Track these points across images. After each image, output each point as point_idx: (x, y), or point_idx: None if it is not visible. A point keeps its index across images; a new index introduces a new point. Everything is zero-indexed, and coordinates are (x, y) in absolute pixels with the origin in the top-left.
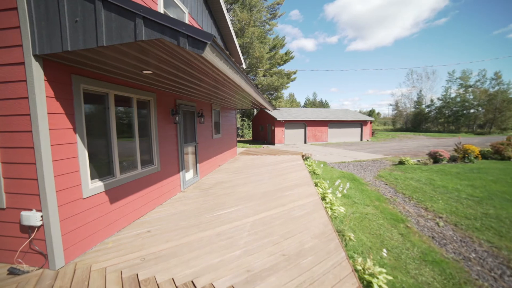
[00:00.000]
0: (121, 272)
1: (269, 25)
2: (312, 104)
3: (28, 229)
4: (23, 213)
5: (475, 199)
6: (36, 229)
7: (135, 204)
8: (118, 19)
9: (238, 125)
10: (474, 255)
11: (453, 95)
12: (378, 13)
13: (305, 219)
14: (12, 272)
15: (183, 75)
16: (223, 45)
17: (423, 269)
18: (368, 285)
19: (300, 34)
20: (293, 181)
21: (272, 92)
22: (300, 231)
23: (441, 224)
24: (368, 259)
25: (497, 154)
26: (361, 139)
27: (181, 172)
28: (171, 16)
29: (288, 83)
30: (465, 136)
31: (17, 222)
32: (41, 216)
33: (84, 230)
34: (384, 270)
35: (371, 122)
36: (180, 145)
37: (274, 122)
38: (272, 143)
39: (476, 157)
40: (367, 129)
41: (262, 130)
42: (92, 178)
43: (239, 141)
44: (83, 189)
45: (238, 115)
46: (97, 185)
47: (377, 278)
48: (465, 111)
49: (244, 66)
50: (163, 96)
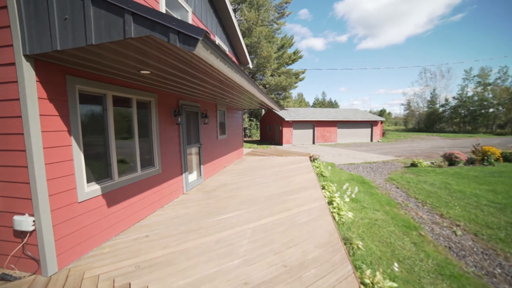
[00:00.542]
0: (113, 280)
1: (277, 24)
2: (321, 104)
3: (20, 234)
4: (16, 217)
5: (498, 206)
6: (29, 234)
7: (134, 207)
8: (107, 15)
9: (246, 125)
10: (499, 271)
11: (470, 93)
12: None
13: (310, 226)
14: (3, 278)
15: (183, 75)
16: (229, 45)
17: (440, 285)
18: None
19: (309, 34)
20: (299, 184)
21: (280, 92)
22: (304, 239)
23: (459, 233)
24: (378, 272)
25: None
26: (371, 140)
27: (183, 174)
28: (174, 15)
29: (296, 82)
30: (483, 136)
31: (10, 226)
32: (33, 221)
33: (79, 235)
34: (395, 285)
35: (381, 122)
36: (182, 147)
37: (282, 122)
38: (280, 143)
39: (497, 160)
40: (377, 130)
41: (270, 131)
42: (88, 181)
43: (247, 141)
44: (79, 192)
45: (246, 115)
46: (94, 189)
47: None
48: (483, 111)
49: (251, 65)
50: (165, 97)
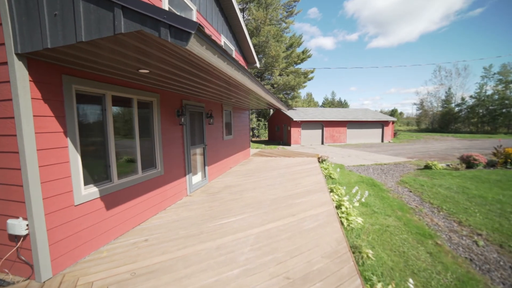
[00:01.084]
0: None
1: (286, 23)
2: (330, 103)
3: (14, 238)
4: (9, 221)
5: None
6: (22, 238)
7: (135, 210)
8: (96, 10)
9: (254, 125)
10: None
11: (489, 92)
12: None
13: (316, 233)
14: None
15: (183, 74)
16: (236, 44)
17: None
18: None
19: (318, 33)
20: (307, 186)
21: (288, 92)
22: (309, 248)
23: (481, 243)
24: (390, 286)
25: None
26: (382, 141)
27: (187, 176)
28: (178, 14)
29: (305, 82)
30: (504, 137)
31: (4, 230)
32: (27, 225)
33: (76, 239)
34: None
35: (393, 122)
36: (186, 148)
37: (290, 122)
38: (288, 144)
39: None
40: (388, 130)
41: (278, 131)
42: (86, 183)
43: (255, 142)
44: (75, 195)
45: (254, 115)
46: (92, 191)
47: None
48: (504, 110)
49: (258, 65)
50: (167, 97)
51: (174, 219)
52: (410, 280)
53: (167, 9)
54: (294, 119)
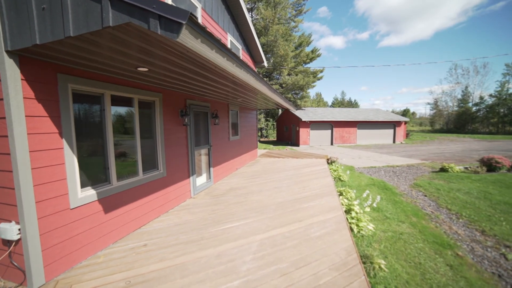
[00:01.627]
0: None
1: (294, 22)
2: (340, 103)
3: (7, 242)
4: (1, 225)
5: None
6: (14, 243)
7: (135, 212)
8: (84, 2)
9: (262, 126)
10: None
11: (511, 90)
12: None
13: (324, 241)
14: None
15: (184, 72)
16: (243, 43)
17: None
18: None
19: (328, 32)
20: (315, 190)
21: (297, 92)
22: (316, 259)
23: (510, 256)
24: None
25: None
26: (393, 141)
27: (191, 177)
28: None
29: (314, 82)
30: None
31: None
32: (19, 229)
33: (71, 244)
34: None
35: (405, 122)
36: (190, 149)
37: (298, 122)
38: (297, 144)
39: None
40: (400, 130)
41: (287, 131)
42: (83, 186)
43: (263, 142)
44: (71, 198)
45: (262, 115)
46: (89, 194)
47: None
48: None
49: (266, 64)
50: (170, 96)
51: (175, 223)
52: None
53: None
54: (303, 119)
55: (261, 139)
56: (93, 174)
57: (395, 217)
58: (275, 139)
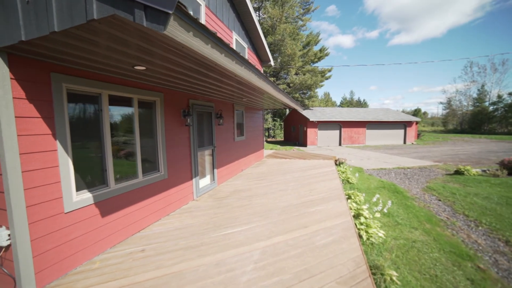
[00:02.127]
0: None
1: (302, 20)
2: (349, 103)
3: None
4: None
5: None
6: (4, 249)
7: (134, 216)
8: None
9: (270, 126)
10: None
11: None
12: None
13: (331, 250)
14: None
15: (183, 70)
16: (249, 41)
17: None
18: None
19: (337, 31)
20: (322, 193)
21: (305, 91)
22: (322, 270)
23: None
24: None
25: None
26: (404, 142)
27: (194, 179)
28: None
29: (322, 81)
30: None
31: None
32: (9, 234)
33: (65, 249)
34: None
35: (416, 122)
36: (193, 150)
37: (306, 122)
38: (304, 144)
39: None
40: (411, 131)
41: (294, 131)
42: (78, 189)
43: (270, 142)
44: (65, 202)
45: (269, 115)
46: (85, 197)
47: None
48: None
49: (273, 63)
50: (172, 96)
51: (176, 227)
52: None
53: None
54: (311, 119)
55: (268, 139)
56: (89, 176)
57: (407, 223)
58: (282, 139)
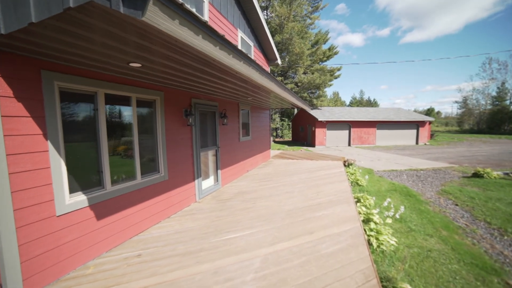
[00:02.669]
0: None
1: (310, 18)
2: (358, 103)
3: None
4: None
5: None
6: None
7: (132, 218)
8: None
9: (278, 126)
10: None
11: None
12: None
13: (337, 259)
14: None
15: (180, 67)
16: (255, 39)
17: None
18: None
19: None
20: (329, 196)
21: (313, 91)
22: (327, 283)
23: None
24: None
25: None
26: (416, 142)
27: (196, 180)
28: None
29: (331, 80)
30: None
31: None
32: None
33: (57, 254)
34: None
35: (430, 122)
36: (195, 150)
37: (314, 122)
38: (312, 145)
39: None
40: (424, 131)
41: (302, 131)
42: (72, 191)
43: (278, 142)
44: (57, 205)
45: (277, 115)
46: (79, 199)
47: None
48: None
49: (280, 62)
50: (173, 95)
51: (175, 230)
52: None
53: None
54: (319, 119)
55: (276, 139)
56: (84, 178)
57: (421, 230)
58: (290, 139)
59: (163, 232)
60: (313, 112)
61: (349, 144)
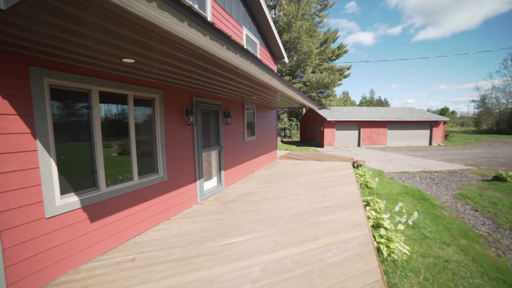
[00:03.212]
0: None
1: (319, 17)
2: (368, 102)
3: None
4: None
5: None
6: None
7: (128, 221)
8: None
9: (286, 125)
10: None
11: None
12: None
13: (344, 270)
14: None
15: (175, 62)
16: (261, 37)
17: None
18: None
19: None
20: (337, 199)
21: (322, 90)
22: None
23: None
24: None
25: None
26: (430, 143)
27: (198, 181)
28: (189, 3)
29: (340, 79)
30: None
31: None
32: None
33: (47, 257)
34: None
35: (444, 122)
36: (197, 150)
37: (323, 122)
38: (321, 145)
39: None
40: (438, 131)
41: (311, 131)
42: (64, 192)
43: (286, 142)
44: (47, 206)
45: (285, 115)
46: (70, 201)
47: None
48: None
49: (287, 60)
50: (173, 93)
51: (173, 233)
52: None
53: None
54: (328, 119)
55: (284, 140)
56: (77, 179)
57: (436, 237)
58: (299, 139)
59: (160, 235)
60: (322, 112)
61: (358, 145)
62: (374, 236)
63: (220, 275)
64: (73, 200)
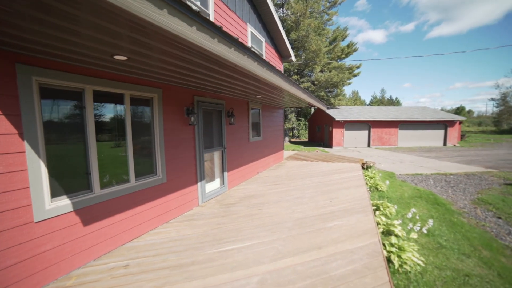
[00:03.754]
0: None
1: (328, 14)
2: (379, 102)
3: None
4: None
5: None
6: None
7: (124, 224)
8: None
9: (294, 125)
10: None
11: None
12: None
13: (349, 285)
14: None
15: (169, 59)
16: (267, 35)
17: None
18: None
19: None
20: (344, 203)
21: (331, 90)
22: None
23: None
24: None
25: None
26: (444, 144)
27: (199, 183)
28: (197, 9)
29: (350, 78)
30: None
31: None
32: None
33: (35, 263)
34: None
35: (460, 122)
36: (198, 151)
37: (332, 122)
38: (329, 145)
39: None
40: (454, 131)
41: (319, 131)
42: (54, 195)
43: (294, 143)
44: (35, 210)
45: (293, 115)
46: (61, 204)
47: None
48: None
49: (294, 59)
50: (173, 92)
51: (171, 238)
52: None
53: None
54: (337, 119)
55: (292, 140)
56: (69, 181)
57: (454, 247)
58: (307, 139)
59: (157, 239)
60: (331, 112)
61: (368, 145)
62: (384, 245)
63: (214, 285)
64: (64, 203)
